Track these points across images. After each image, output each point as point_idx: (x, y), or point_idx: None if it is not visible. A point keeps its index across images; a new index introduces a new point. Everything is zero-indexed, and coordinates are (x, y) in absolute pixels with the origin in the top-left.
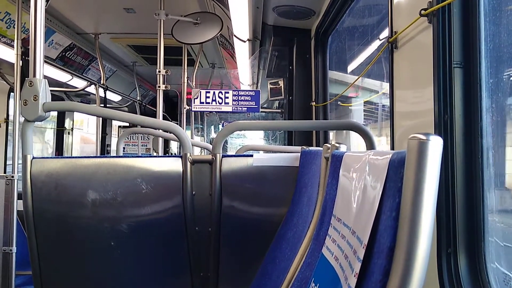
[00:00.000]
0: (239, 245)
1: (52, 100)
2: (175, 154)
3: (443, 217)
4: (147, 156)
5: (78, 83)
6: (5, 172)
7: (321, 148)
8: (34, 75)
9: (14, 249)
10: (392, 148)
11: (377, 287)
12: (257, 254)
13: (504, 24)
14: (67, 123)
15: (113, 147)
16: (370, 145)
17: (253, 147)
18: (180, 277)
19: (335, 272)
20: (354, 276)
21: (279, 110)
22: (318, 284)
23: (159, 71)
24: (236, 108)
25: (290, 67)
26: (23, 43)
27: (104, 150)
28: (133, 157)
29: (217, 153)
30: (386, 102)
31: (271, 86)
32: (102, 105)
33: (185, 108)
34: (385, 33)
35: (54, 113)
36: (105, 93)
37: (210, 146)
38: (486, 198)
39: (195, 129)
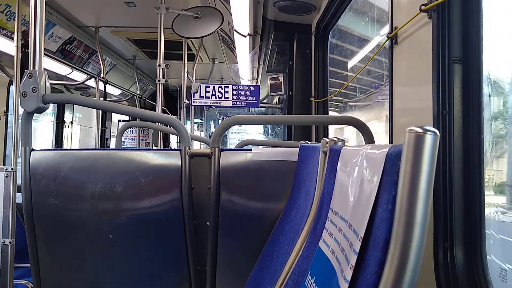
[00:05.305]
0: (237, 239)
1: (51, 93)
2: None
3: (440, 212)
4: (146, 149)
5: (78, 76)
6: (4, 165)
7: (320, 143)
8: (34, 67)
9: (13, 241)
10: (391, 144)
11: (372, 279)
12: (255, 248)
13: None
14: (67, 117)
15: (112, 140)
16: (368, 139)
17: (252, 142)
18: (177, 270)
19: (331, 265)
20: (350, 268)
21: (279, 106)
22: (314, 277)
23: (159, 65)
24: (235, 103)
25: (290, 63)
26: (23, 36)
27: (103, 143)
28: (132, 150)
29: (216, 147)
30: None
31: (271, 81)
32: (102, 98)
33: (185, 102)
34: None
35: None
36: (105, 86)
37: (209, 140)
38: (483, 194)
39: (194, 124)
